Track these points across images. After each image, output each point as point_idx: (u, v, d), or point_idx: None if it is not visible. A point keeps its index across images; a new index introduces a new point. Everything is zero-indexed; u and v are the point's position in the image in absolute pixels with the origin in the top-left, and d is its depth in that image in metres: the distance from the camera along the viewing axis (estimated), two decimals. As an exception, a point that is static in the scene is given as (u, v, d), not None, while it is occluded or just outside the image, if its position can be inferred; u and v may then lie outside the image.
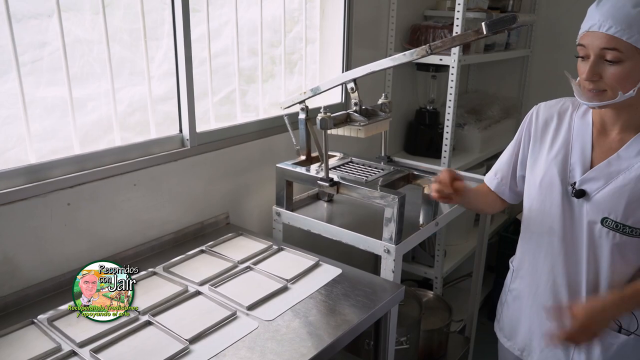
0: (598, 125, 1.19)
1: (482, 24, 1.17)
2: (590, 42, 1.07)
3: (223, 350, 1.03)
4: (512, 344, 1.40)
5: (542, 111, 1.29)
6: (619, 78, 1.05)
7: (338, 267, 1.37)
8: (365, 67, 1.42)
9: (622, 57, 1.04)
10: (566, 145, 1.22)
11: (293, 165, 1.56)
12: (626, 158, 1.13)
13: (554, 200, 1.21)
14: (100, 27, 1.33)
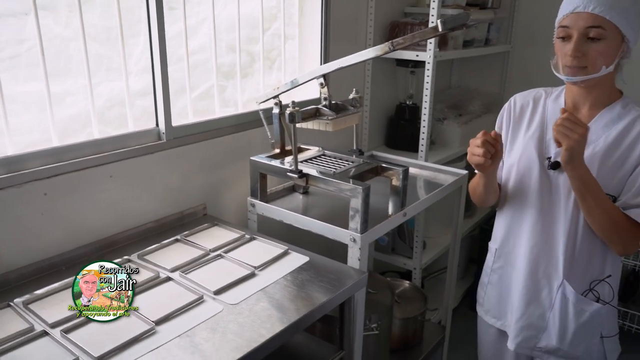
0: (570, 105, 1.33)
1: (438, 21, 1.22)
2: (574, 23, 1.19)
3: (187, 332, 1.09)
4: (502, 322, 1.50)
5: (518, 99, 1.44)
6: (601, 54, 1.18)
7: (306, 255, 1.43)
8: (333, 64, 1.48)
9: (605, 34, 1.17)
10: (542, 125, 1.36)
11: (266, 158, 1.62)
12: (595, 130, 1.27)
13: (532, 175, 1.34)
14: (76, 24, 1.39)
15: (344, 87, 2.15)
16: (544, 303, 1.39)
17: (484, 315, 1.57)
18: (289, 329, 1.11)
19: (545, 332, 1.40)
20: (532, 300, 1.41)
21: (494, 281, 1.52)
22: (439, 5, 2.03)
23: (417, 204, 1.66)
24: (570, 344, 1.38)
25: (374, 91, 2.38)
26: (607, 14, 1.15)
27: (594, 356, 1.39)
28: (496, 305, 1.51)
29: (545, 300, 1.39)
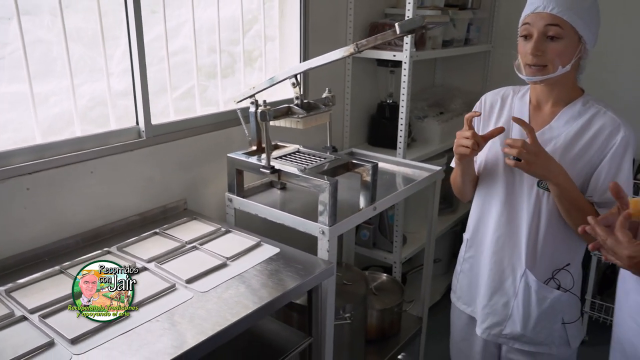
0: (534, 103, 1.41)
1: (396, 24, 1.29)
2: (534, 22, 1.26)
3: (157, 317, 1.16)
4: (472, 309, 1.57)
5: (489, 97, 1.52)
6: (559, 53, 1.25)
7: (276, 247, 1.50)
8: (304, 65, 1.55)
9: (563, 33, 1.24)
10: (508, 122, 1.42)
11: (243, 155, 1.69)
12: (557, 127, 1.35)
13: (498, 169, 1.42)
14: (59, 28, 1.46)
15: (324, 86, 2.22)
16: (508, 291, 1.46)
17: (456, 301, 1.65)
18: (252, 314, 1.19)
19: (510, 320, 1.47)
20: (498, 289, 1.48)
21: (465, 270, 1.59)
22: (414, 7, 2.10)
23: (387, 199, 1.73)
24: (533, 330, 1.45)
25: (355, 90, 2.45)
26: (564, 14, 1.22)
27: (556, 342, 1.46)
28: (467, 292, 1.59)
29: (510, 289, 1.46)
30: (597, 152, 1.30)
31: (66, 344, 1.07)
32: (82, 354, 1.04)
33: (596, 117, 1.31)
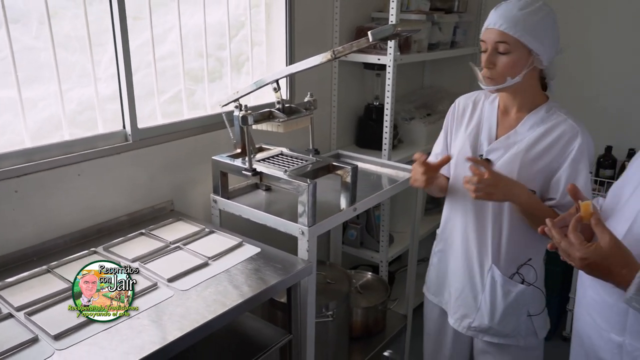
0: (502, 108, 1.50)
1: (369, 33, 1.34)
2: (487, 37, 1.37)
3: (138, 314, 1.22)
4: (439, 299, 1.68)
5: (462, 101, 1.62)
6: (508, 66, 1.35)
7: (257, 247, 1.55)
8: (284, 70, 1.60)
9: (510, 48, 1.33)
10: (478, 125, 1.52)
11: (227, 158, 1.74)
12: (521, 132, 1.44)
13: (467, 169, 1.44)
14: (46, 35, 1.51)
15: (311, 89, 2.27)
16: (476, 286, 1.55)
17: (426, 292, 1.74)
18: (229, 312, 1.24)
19: (478, 313, 1.55)
20: (467, 283, 1.57)
21: (434, 263, 1.70)
22: (397, 12, 2.15)
23: (368, 200, 1.78)
24: (500, 323, 1.52)
25: (342, 92, 2.50)
26: (511, 30, 1.31)
27: (523, 333, 1.54)
28: (435, 284, 1.69)
29: (478, 284, 1.54)
30: (556, 156, 1.38)
31: (50, 340, 1.12)
32: (64, 349, 1.09)
33: (558, 124, 1.39)
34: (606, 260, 0.93)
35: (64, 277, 1.36)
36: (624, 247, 0.95)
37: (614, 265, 0.93)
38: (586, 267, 0.96)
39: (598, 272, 0.96)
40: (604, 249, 0.93)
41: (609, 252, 0.93)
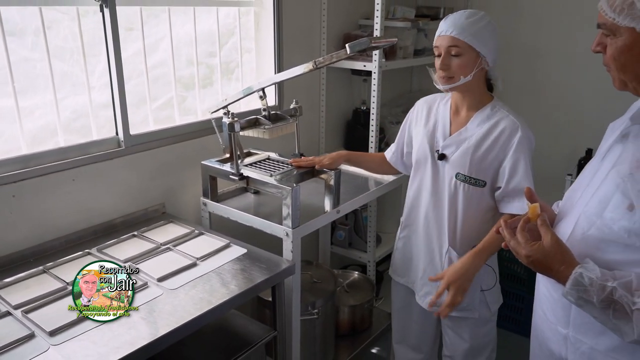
0: (454, 108, 1.68)
1: (346, 45, 1.42)
2: (441, 43, 1.55)
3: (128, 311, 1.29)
4: (405, 279, 1.83)
5: (421, 103, 1.80)
6: (460, 66, 1.53)
7: (244, 248, 1.63)
8: (269, 79, 1.68)
9: (461, 51, 1.52)
10: (434, 124, 1.70)
11: (216, 162, 1.82)
12: (471, 129, 1.61)
13: (427, 163, 1.68)
14: (42, 47, 1.59)
15: (300, 94, 2.36)
16: (437, 266, 1.71)
17: (392, 274, 1.89)
18: (215, 309, 1.32)
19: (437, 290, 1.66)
20: (429, 264, 1.73)
21: (399, 247, 1.85)
22: (382, 20, 2.22)
23: (351, 202, 1.86)
24: None
25: (331, 98, 2.58)
26: (460, 36, 1.50)
27: (477, 307, 1.70)
28: (401, 266, 1.84)
29: (438, 264, 1.70)
30: (501, 149, 1.56)
31: (45, 336, 1.19)
32: (59, 344, 1.17)
33: (501, 120, 1.58)
34: (547, 258, 1.00)
35: (60, 277, 1.43)
36: (564, 246, 1.01)
37: (553, 262, 1.00)
38: (531, 263, 1.03)
39: (541, 268, 1.03)
40: (546, 248, 1.00)
41: (550, 250, 1.00)
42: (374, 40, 1.41)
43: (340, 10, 2.53)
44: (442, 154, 1.63)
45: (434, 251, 1.70)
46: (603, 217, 1.01)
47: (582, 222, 1.06)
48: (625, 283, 0.93)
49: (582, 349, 1.08)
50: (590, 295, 0.94)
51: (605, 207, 1.01)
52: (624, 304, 0.91)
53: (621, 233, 0.97)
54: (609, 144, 1.09)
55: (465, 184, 1.59)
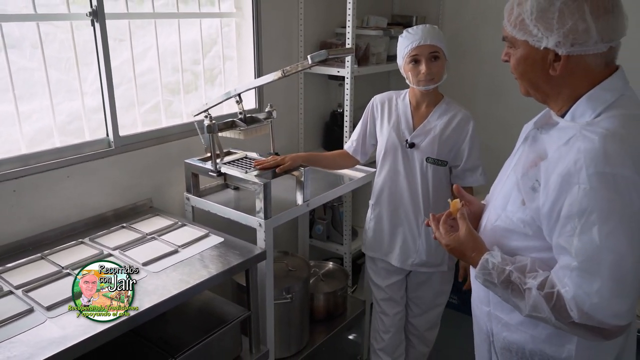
0: (414, 104, 1.99)
1: (308, 56, 1.61)
2: (421, 51, 1.84)
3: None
4: (379, 254, 2.12)
5: (379, 99, 2.07)
6: (440, 68, 1.86)
7: (221, 237, 1.81)
8: (244, 85, 1.86)
9: (440, 55, 1.85)
10: (397, 118, 1.99)
11: (198, 161, 2.00)
12: (432, 121, 1.94)
13: (398, 152, 1.97)
14: (39, 57, 1.77)
15: (280, 98, 2.56)
16: (414, 234, 2.02)
17: (366, 250, 2.19)
18: (191, 288, 1.50)
19: (417, 253, 2.03)
20: (407, 233, 2.04)
21: (371, 227, 2.13)
22: (353, 30, 2.41)
23: (320, 197, 2.05)
24: (433, 256, 2.01)
25: (309, 101, 2.77)
26: (437, 43, 1.83)
27: (447, 261, 2.05)
28: (372, 242, 2.13)
29: (415, 232, 2.02)
30: (460, 135, 1.92)
31: (43, 311, 1.37)
32: (55, 317, 1.35)
33: (457, 113, 1.93)
34: (462, 246, 1.17)
35: (56, 262, 1.61)
36: (476, 236, 1.17)
37: (467, 250, 1.16)
38: (450, 251, 1.20)
39: (457, 254, 1.20)
40: (461, 238, 1.17)
41: (464, 239, 1.16)
42: (331, 52, 1.60)
43: (317, 20, 2.72)
44: (412, 142, 1.93)
45: (411, 222, 2.01)
46: (506, 210, 1.15)
47: (492, 215, 1.21)
48: (520, 267, 1.08)
49: (501, 324, 1.23)
50: (493, 277, 1.09)
51: (507, 202, 1.15)
52: (518, 284, 1.06)
53: (518, 224, 1.12)
54: (518, 144, 1.24)
55: (434, 165, 1.93)
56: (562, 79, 1.06)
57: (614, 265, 0.95)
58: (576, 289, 0.98)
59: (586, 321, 0.98)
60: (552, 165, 1.03)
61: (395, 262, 2.08)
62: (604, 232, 0.95)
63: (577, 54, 1.02)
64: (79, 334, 1.28)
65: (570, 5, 0.99)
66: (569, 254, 0.99)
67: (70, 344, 1.24)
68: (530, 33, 1.05)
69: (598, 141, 0.97)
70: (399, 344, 2.24)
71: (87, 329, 1.30)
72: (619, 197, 0.95)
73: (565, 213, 0.99)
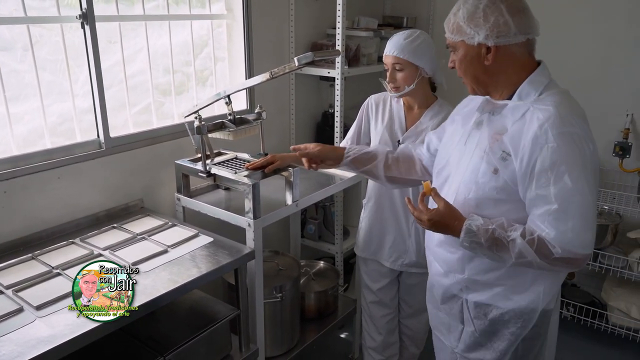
0: (407, 106, 2.03)
1: (295, 58, 1.63)
2: (387, 62, 1.92)
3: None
4: (370, 254, 2.15)
5: (373, 99, 2.12)
6: (403, 79, 1.90)
7: (211, 237, 1.83)
8: (233, 86, 1.88)
9: (402, 67, 1.88)
10: (390, 118, 2.03)
11: (188, 162, 2.02)
12: (424, 122, 1.98)
13: None
14: (30, 59, 1.79)
15: (271, 99, 2.58)
16: (404, 235, 2.05)
17: (358, 251, 2.21)
18: (179, 288, 1.52)
19: (407, 253, 2.06)
20: (397, 234, 2.06)
21: (364, 227, 2.15)
22: (343, 30, 2.44)
23: (310, 197, 2.07)
24: (423, 257, 1.94)
25: (301, 101, 2.79)
26: (400, 54, 1.86)
27: None
28: (364, 243, 2.16)
29: (406, 233, 2.05)
30: None
31: (32, 310, 1.39)
32: (44, 317, 1.37)
33: (447, 114, 1.83)
34: (443, 218, 1.32)
35: (46, 262, 1.63)
36: (454, 208, 1.33)
37: (449, 220, 1.31)
38: (432, 225, 1.34)
39: (440, 227, 1.34)
40: (441, 211, 1.32)
41: (444, 212, 1.32)
42: (317, 54, 1.62)
43: (308, 21, 2.74)
44: (404, 143, 1.96)
45: (401, 222, 2.04)
46: (477, 183, 1.32)
47: (462, 190, 1.36)
48: (500, 224, 1.26)
49: (477, 284, 1.41)
50: (479, 237, 1.25)
51: (477, 175, 1.32)
52: (502, 238, 1.24)
53: (492, 192, 1.30)
54: (467, 130, 1.42)
55: None
56: (496, 67, 1.29)
57: (581, 205, 1.19)
58: (555, 230, 1.19)
59: (566, 254, 1.19)
60: (516, 135, 1.25)
61: (385, 263, 2.11)
62: (573, 178, 1.18)
63: (503, 45, 1.26)
64: (68, 332, 1.30)
65: (490, 6, 1.25)
66: (548, 201, 1.20)
67: (58, 342, 1.26)
68: (465, 33, 1.28)
69: (553, 110, 1.21)
70: (392, 344, 2.25)
71: (75, 328, 1.32)
72: (578, 149, 1.19)
73: (539, 169, 1.20)
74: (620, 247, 2.77)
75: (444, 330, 1.58)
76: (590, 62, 2.81)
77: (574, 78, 2.87)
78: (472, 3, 1.27)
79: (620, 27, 2.70)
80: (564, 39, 2.83)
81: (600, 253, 2.69)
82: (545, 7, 2.86)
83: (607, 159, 2.78)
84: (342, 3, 2.40)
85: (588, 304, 2.83)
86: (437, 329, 1.62)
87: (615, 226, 2.67)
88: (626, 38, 2.69)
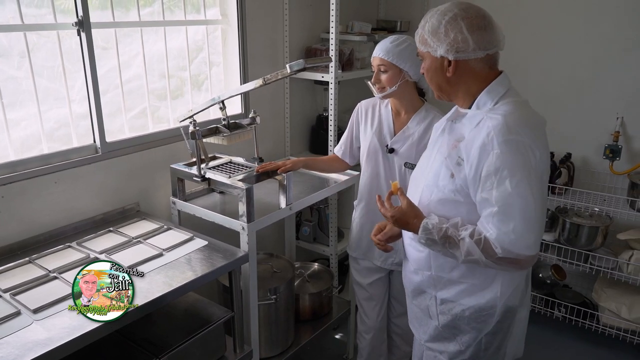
0: (395, 111, 2.06)
1: (287, 65, 1.66)
2: (374, 63, 1.96)
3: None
4: (361, 253, 2.20)
5: (363, 105, 2.16)
6: (387, 80, 1.93)
7: (205, 240, 1.87)
8: (227, 92, 1.91)
9: (386, 68, 1.92)
10: (380, 124, 2.07)
11: (183, 166, 2.05)
12: (412, 127, 2.01)
13: (378, 157, 2.06)
14: (26, 66, 1.82)
15: (267, 103, 2.61)
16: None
17: (349, 250, 2.26)
18: (174, 291, 1.55)
19: (397, 252, 2.07)
20: None
21: (356, 228, 2.20)
22: (336, 34, 2.47)
23: (303, 200, 2.10)
24: None
25: (296, 105, 2.82)
26: (385, 57, 1.90)
27: None
28: (356, 242, 2.21)
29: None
30: None
31: (29, 313, 1.42)
32: (41, 320, 1.40)
33: (434, 119, 1.96)
34: (404, 216, 1.43)
35: (43, 266, 1.66)
36: (415, 207, 1.44)
37: (409, 218, 1.42)
38: (395, 222, 1.45)
39: (402, 224, 1.44)
40: (403, 209, 1.43)
41: (406, 210, 1.43)
42: (309, 61, 1.66)
43: (302, 25, 2.77)
44: (392, 148, 2.02)
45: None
46: (438, 186, 1.42)
47: (426, 192, 1.47)
48: (454, 224, 1.36)
49: (442, 281, 1.49)
50: (434, 235, 1.35)
51: (438, 179, 1.42)
52: (454, 237, 1.33)
53: (450, 194, 1.39)
54: (435, 137, 1.52)
55: (412, 170, 1.94)
56: (456, 79, 1.37)
57: (523, 208, 1.26)
58: (497, 231, 1.27)
59: (507, 255, 1.27)
60: (469, 143, 1.33)
61: (376, 262, 2.16)
62: (514, 183, 1.25)
63: (462, 59, 1.34)
64: (65, 335, 1.33)
65: (452, 23, 1.32)
66: (490, 203, 1.28)
67: (55, 345, 1.29)
68: (430, 46, 1.36)
69: (501, 119, 1.28)
70: (380, 344, 2.29)
71: (72, 330, 1.35)
72: (521, 156, 1.26)
73: (485, 174, 1.29)
74: (611, 249, 2.81)
75: (416, 324, 1.66)
76: (581, 66, 2.85)
77: (565, 81, 2.93)
78: (436, 18, 1.35)
79: (610, 30, 2.74)
80: (555, 43, 2.87)
81: (591, 254, 2.73)
82: (535, 12, 2.91)
83: (598, 162, 2.82)
84: (336, 8, 2.44)
85: (579, 305, 2.87)
86: (411, 322, 1.71)
87: (606, 228, 2.71)
88: (617, 42, 2.73)
